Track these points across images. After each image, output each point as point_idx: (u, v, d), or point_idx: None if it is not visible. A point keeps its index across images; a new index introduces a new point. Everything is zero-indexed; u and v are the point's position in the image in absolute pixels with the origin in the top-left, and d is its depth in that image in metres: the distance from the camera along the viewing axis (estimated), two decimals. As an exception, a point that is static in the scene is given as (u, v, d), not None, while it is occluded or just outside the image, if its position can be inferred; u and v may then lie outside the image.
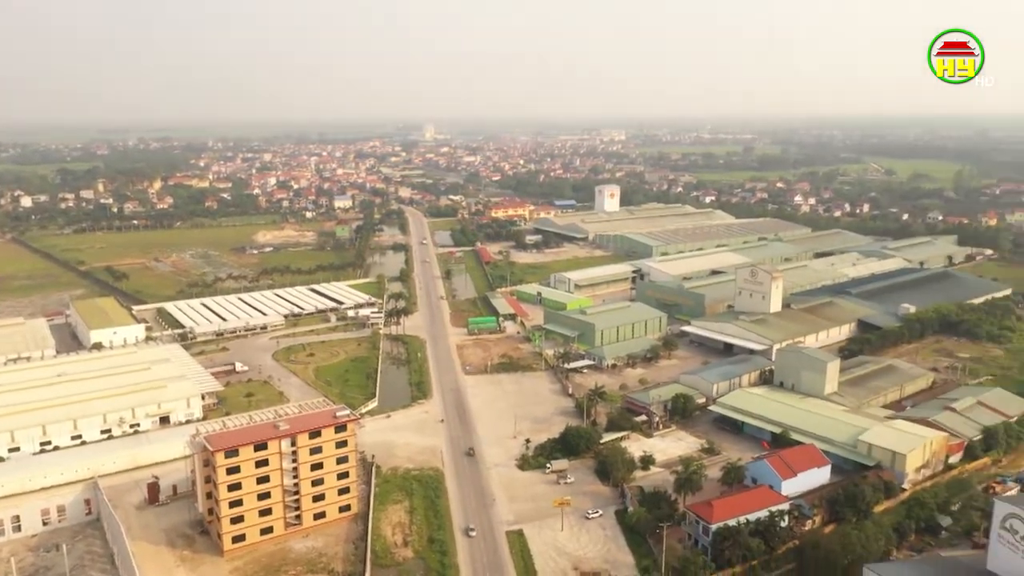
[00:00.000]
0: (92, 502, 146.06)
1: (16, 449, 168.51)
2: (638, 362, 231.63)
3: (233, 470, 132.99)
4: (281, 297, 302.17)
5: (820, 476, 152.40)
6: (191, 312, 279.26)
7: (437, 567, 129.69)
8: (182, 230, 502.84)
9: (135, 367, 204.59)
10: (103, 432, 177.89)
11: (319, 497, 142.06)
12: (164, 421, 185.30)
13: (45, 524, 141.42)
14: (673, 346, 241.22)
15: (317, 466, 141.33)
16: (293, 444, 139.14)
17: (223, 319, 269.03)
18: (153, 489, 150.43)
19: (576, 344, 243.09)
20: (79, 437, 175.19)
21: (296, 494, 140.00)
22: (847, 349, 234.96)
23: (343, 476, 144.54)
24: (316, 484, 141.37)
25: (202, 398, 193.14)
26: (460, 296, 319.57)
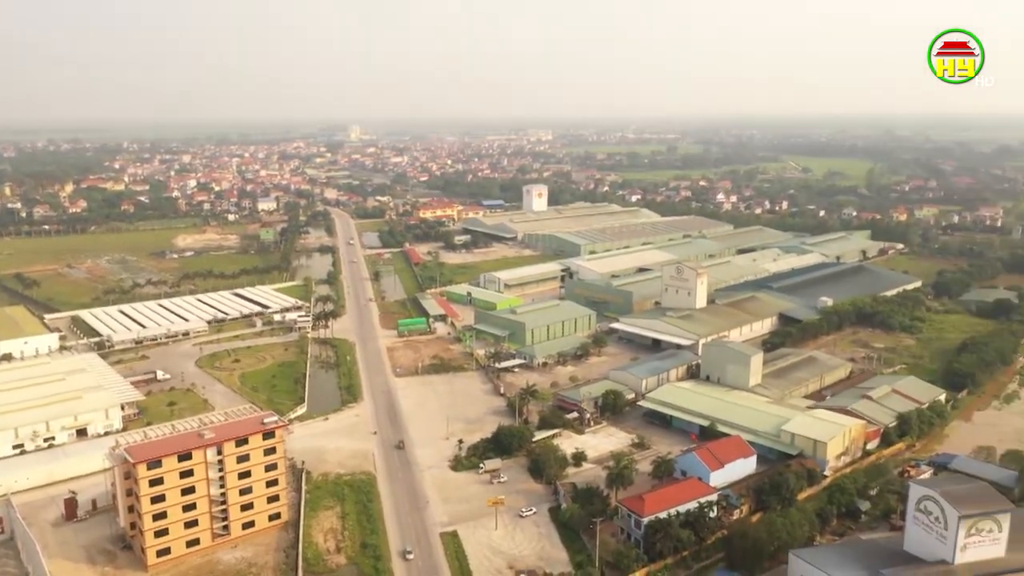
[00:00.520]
0: (4, 520, 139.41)
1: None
2: (568, 360, 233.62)
3: (156, 482, 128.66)
4: (204, 302, 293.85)
5: (746, 466, 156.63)
6: (108, 320, 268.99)
7: (371, 572, 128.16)
8: (97, 235, 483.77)
9: (49, 378, 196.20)
10: (15, 447, 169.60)
11: (248, 506, 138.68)
12: (81, 433, 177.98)
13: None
14: (602, 343, 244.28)
15: (245, 474, 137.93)
16: (219, 453, 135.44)
17: (142, 326, 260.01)
18: (71, 505, 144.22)
19: (507, 343, 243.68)
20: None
21: (223, 504, 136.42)
22: (769, 342, 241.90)
23: (272, 484, 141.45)
24: (244, 493, 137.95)
25: (122, 408, 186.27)
26: (389, 298, 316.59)
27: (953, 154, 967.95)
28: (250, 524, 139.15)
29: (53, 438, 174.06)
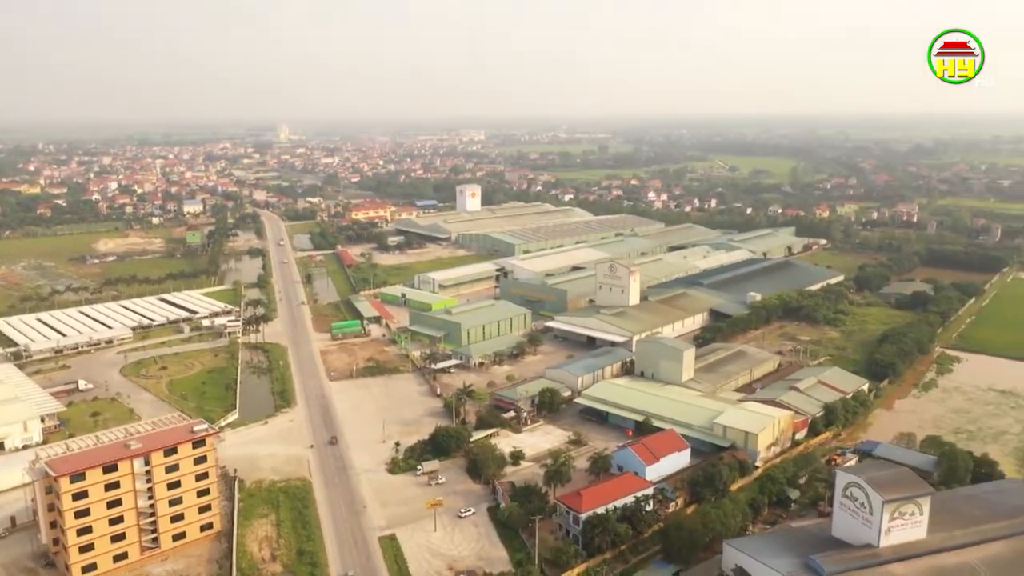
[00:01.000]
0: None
1: None
2: (505, 359, 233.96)
3: (80, 495, 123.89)
4: (128, 309, 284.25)
5: (681, 460, 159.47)
6: (25, 328, 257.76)
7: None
8: (12, 240, 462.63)
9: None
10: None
11: (178, 517, 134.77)
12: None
13: None
14: (538, 342, 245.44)
15: (175, 484, 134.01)
16: (147, 463, 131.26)
17: (62, 335, 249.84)
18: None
19: (443, 344, 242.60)
20: None
21: (152, 516, 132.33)
22: (701, 337, 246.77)
23: (203, 493, 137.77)
24: (174, 504, 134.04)
25: (42, 420, 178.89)
26: (322, 300, 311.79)
27: (872, 153, 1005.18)
28: (181, 535, 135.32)
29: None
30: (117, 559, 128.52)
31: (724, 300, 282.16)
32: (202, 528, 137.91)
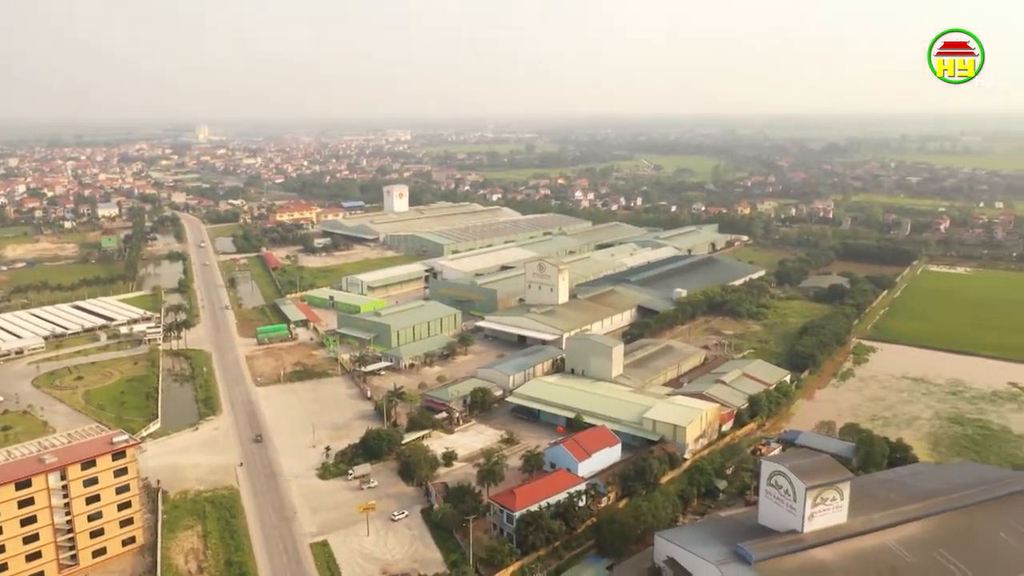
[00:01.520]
0: None
1: None
2: (435, 360, 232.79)
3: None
4: (39, 317, 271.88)
5: (612, 455, 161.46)
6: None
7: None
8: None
9: None
10: None
11: (98, 532, 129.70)
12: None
13: None
14: (469, 342, 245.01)
15: (93, 499, 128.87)
16: (63, 478, 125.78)
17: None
18: None
19: (372, 346, 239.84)
20: None
21: (70, 532, 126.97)
22: (629, 333, 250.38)
23: (125, 507, 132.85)
24: (93, 519, 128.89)
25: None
26: (247, 304, 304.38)
27: (789, 151, 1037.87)
28: (101, 551, 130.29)
29: None
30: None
31: (651, 296, 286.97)
32: (124, 543, 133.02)
